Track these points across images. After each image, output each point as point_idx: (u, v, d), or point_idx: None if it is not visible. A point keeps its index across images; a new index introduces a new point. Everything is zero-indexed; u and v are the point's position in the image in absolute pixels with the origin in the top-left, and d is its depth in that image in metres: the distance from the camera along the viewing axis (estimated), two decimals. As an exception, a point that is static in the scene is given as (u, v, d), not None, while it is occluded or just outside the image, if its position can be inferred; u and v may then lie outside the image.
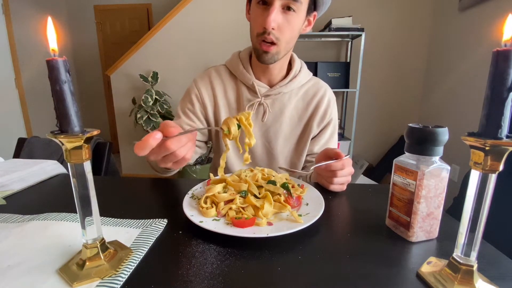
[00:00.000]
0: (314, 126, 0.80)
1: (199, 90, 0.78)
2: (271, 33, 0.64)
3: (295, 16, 0.65)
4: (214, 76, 0.79)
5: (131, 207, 0.54)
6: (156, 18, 3.64)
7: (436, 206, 0.41)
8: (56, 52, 0.29)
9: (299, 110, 0.80)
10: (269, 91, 0.76)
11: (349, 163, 0.59)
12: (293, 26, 0.66)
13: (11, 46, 2.71)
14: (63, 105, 0.29)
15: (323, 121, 0.81)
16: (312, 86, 0.82)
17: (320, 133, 0.82)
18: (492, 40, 1.78)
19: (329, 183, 0.59)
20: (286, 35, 0.66)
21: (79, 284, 0.32)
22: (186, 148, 0.42)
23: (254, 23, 0.68)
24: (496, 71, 0.27)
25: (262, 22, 0.64)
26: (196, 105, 0.79)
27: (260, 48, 0.68)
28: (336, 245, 0.42)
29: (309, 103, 0.80)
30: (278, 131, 0.79)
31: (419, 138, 0.39)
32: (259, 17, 0.65)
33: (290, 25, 0.65)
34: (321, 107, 0.80)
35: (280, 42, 0.66)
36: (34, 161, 0.76)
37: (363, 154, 2.80)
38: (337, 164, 0.56)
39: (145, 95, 2.52)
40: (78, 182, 0.33)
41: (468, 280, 0.31)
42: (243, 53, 0.79)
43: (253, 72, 0.77)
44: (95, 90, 3.97)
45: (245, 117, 0.49)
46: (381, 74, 2.63)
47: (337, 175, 0.57)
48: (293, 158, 0.83)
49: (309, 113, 0.80)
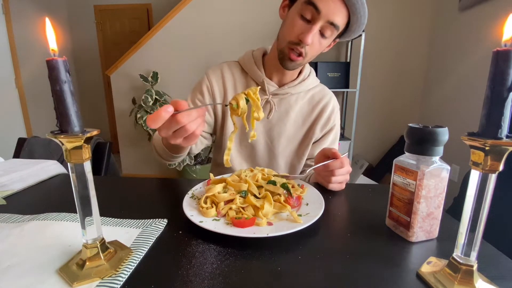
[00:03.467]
0: (317, 130, 0.82)
1: (210, 82, 0.81)
2: (304, 47, 0.68)
3: (326, 40, 0.70)
4: (226, 70, 0.82)
5: (131, 207, 0.54)
6: (156, 18, 3.64)
7: (436, 206, 0.41)
8: (56, 52, 0.29)
9: (304, 113, 0.83)
10: (277, 90, 0.79)
11: (347, 161, 0.60)
12: (321, 47, 0.71)
13: (11, 46, 2.71)
14: (63, 105, 0.29)
15: (326, 126, 0.83)
16: (319, 92, 0.84)
17: (322, 138, 0.84)
18: (492, 40, 1.78)
19: (327, 182, 0.60)
20: (313, 52, 0.71)
21: (79, 284, 0.32)
22: (196, 123, 0.43)
23: (289, 30, 0.69)
24: (496, 71, 0.27)
25: (299, 35, 0.67)
26: (206, 96, 0.81)
27: (288, 54, 0.70)
28: (336, 245, 0.42)
29: (314, 107, 0.83)
30: (281, 130, 0.81)
31: (419, 138, 0.39)
32: (297, 28, 0.67)
33: (320, 46, 0.70)
34: (325, 112, 0.82)
35: (307, 56, 0.71)
36: (34, 161, 0.76)
37: (363, 154, 2.80)
38: (335, 163, 0.58)
39: (145, 95, 2.52)
40: (78, 182, 0.33)
41: (468, 280, 0.31)
42: (256, 52, 0.82)
43: (265, 71, 0.80)
44: (95, 90, 3.97)
45: (253, 91, 0.49)
46: (381, 74, 2.63)
47: (335, 174, 0.58)
48: (293, 160, 0.84)
49: (314, 117, 0.83)
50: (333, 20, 0.64)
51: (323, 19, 0.64)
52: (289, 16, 0.70)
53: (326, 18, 0.64)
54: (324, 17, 0.64)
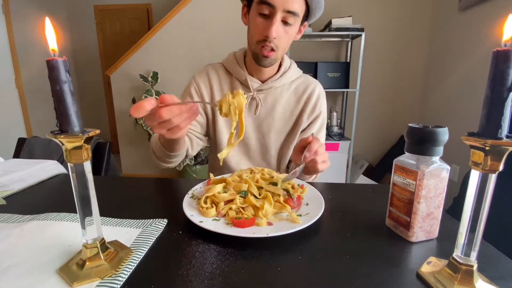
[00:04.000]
0: (304, 118, 0.85)
1: (198, 85, 0.85)
2: (272, 41, 0.71)
3: (291, 28, 0.72)
4: (211, 71, 0.87)
5: (131, 207, 0.54)
6: (156, 18, 3.64)
7: (436, 206, 0.41)
8: (56, 52, 0.29)
9: (291, 104, 0.86)
10: (261, 86, 0.82)
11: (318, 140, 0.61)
12: (290, 36, 0.74)
13: (11, 46, 2.71)
14: (63, 105, 0.29)
15: (313, 114, 0.86)
16: (302, 82, 0.87)
17: (309, 125, 0.87)
18: (492, 40, 1.78)
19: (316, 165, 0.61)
20: (284, 43, 0.74)
21: (79, 284, 0.32)
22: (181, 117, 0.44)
23: (254, 30, 0.73)
24: (496, 71, 0.27)
25: (263, 31, 0.71)
26: (195, 98, 0.85)
27: (260, 53, 0.74)
28: (336, 245, 0.42)
29: (300, 97, 0.86)
30: (271, 125, 0.85)
31: (419, 138, 0.39)
32: (260, 27, 0.71)
33: (287, 35, 0.73)
34: (311, 100, 0.85)
35: (278, 49, 0.74)
36: (34, 161, 0.76)
37: (363, 154, 2.80)
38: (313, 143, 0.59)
39: (145, 95, 2.52)
40: (78, 182, 0.33)
41: (468, 280, 0.31)
42: (238, 53, 0.86)
43: (247, 70, 0.84)
44: (95, 90, 3.97)
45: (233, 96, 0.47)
46: (381, 74, 2.63)
47: (318, 153, 0.60)
48: (283, 150, 0.88)
49: (300, 107, 0.86)
50: (290, 8, 0.68)
51: (280, 11, 0.68)
52: (250, 19, 0.75)
53: (282, 8, 0.67)
54: (280, 9, 0.67)
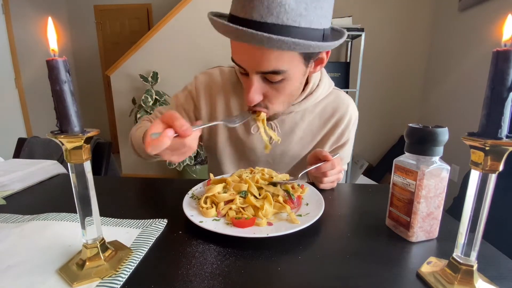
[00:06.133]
0: (327, 146, 0.72)
1: (198, 91, 0.72)
2: (257, 104, 0.55)
3: (284, 82, 0.52)
4: (217, 79, 0.71)
5: (131, 207, 0.54)
6: (156, 18, 3.64)
7: (436, 206, 0.41)
8: (56, 52, 0.29)
9: (314, 129, 0.70)
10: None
11: (338, 162, 0.60)
12: (285, 89, 0.53)
13: (11, 46, 2.71)
14: (63, 105, 0.29)
15: (338, 142, 0.73)
16: (332, 101, 0.70)
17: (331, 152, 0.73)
18: (492, 40, 1.78)
19: (319, 182, 0.61)
20: (278, 99, 0.55)
21: (79, 284, 0.32)
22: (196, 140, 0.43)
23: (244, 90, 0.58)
24: (496, 71, 0.27)
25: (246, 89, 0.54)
26: (190, 105, 0.73)
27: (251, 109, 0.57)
28: (336, 245, 0.42)
29: (326, 121, 0.70)
30: (285, 151, 0.72)
31: (419, 138, 0.39)
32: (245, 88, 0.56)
33: (279, 91, 0.53)
34: (339, 126, 0.70)
35: (273, 106, 0.56)
36: (34, 161, 0.76)
37: (363, 154, 2.79)
38: (327, 165, 0.58)
39: (145, 95, 2.52)
40: (78, 182, 0.33)
41: (468, 280, 0.31)
42: None
43: None
44: (95, 90, 3.96)
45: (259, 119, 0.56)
46: (381, 74, 2.63)
47: (327, 175, 0.59)
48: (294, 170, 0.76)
49: (324, 132, 0.71)
50: (266, 69, 0.49)
51: (253, 73, 0.50)
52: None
53: (254, 71, 0.50)
54: (252, 71, 0.50)
